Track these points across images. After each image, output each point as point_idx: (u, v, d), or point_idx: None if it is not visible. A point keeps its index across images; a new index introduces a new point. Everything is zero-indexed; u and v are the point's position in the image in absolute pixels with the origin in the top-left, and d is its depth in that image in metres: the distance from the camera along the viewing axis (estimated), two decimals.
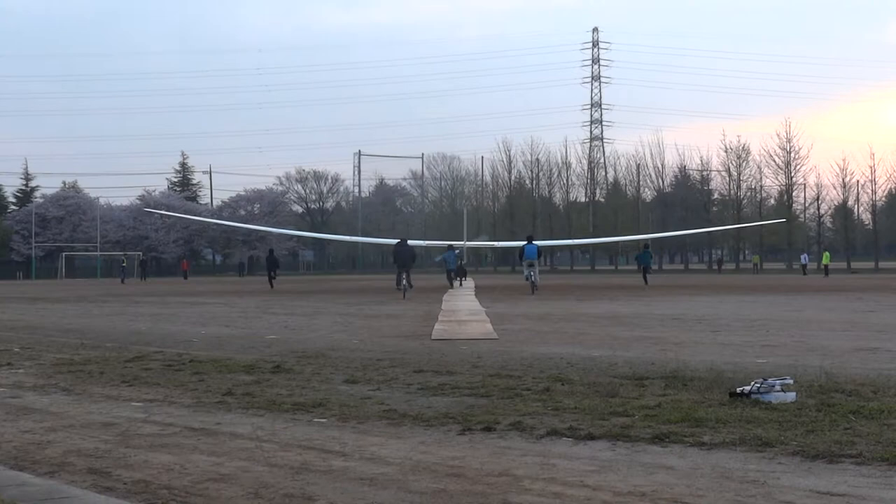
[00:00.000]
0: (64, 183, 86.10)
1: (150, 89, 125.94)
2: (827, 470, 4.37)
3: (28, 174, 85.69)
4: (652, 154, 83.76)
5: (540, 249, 29.48)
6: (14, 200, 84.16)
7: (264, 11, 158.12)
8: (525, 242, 29.00)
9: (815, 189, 75.57)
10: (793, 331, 12.34)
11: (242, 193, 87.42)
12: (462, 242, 38.39)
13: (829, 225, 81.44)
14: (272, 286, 35.02)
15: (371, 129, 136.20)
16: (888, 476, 4.24)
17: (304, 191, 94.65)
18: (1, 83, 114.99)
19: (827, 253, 55.32)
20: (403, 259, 26.99)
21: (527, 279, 27.92)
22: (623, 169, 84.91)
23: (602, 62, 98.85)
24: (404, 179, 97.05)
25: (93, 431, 5.69)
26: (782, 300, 21.42)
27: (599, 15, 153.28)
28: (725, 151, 76.03)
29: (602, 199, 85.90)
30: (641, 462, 4.59)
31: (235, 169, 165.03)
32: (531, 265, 27.97)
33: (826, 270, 50.81)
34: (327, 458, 4.78)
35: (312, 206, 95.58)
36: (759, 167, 75.39)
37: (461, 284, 32.10)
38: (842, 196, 75.22)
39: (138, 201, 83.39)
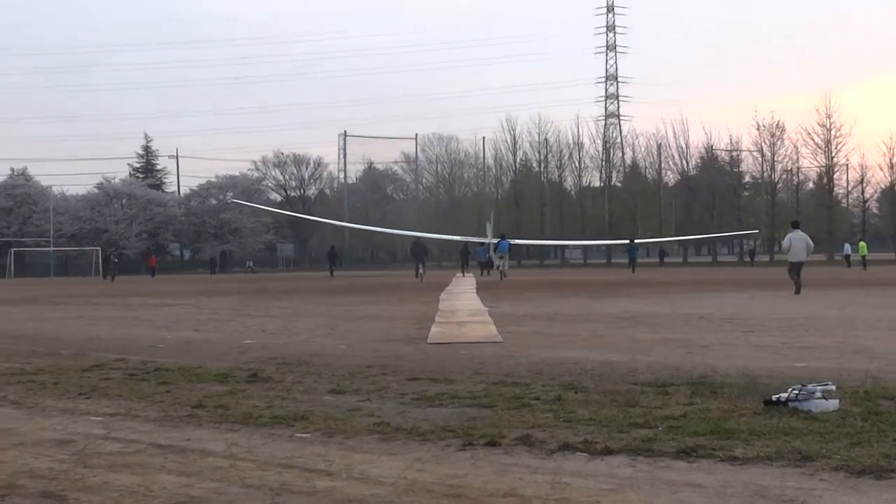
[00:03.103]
0: (12, 170, 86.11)
1: (108, 64, 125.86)
2: (874, 487, 4.37)
3: None
4: (675, 133, 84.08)
5: (510, 245, 43.81)
6: None
7: None
8: (499, 239, 43.62)
9: (858, 171, 75.83)
10: (835, 330, 12.35)
11: (213, 180, 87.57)
12: (488, 239, 48.55)
13: (874, 211, 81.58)
14: (332, 274, 49.62)
15: (358, 106, 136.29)
16: None
17: (283, 177, 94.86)
18: None
19: (863, 243, 55.02)
20: (419, 254, 42.57)
21: (497, 269, 41.94)
22: (642, 150, 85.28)
23: (618, 30, 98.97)
24: (396, 163, 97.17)
25: (46, 450, 5.68)
26: (822, 296, 21.43)
27: None
28: (758, 129, 76.30)
29: (619, 184, 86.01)
30: (665, 479, 4.59)
31: (205, 153, 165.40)
32: (502, 257, 41.65)
33: (864, 262, 50.83)
34: (311, 478, 4.78)
35: (292, 193, 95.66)
36: (795, 147, 75.67)
37: (489, 274, 44.49)
38: (889, 178, 75.31)
39: (96, 189, 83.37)
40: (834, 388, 6.45)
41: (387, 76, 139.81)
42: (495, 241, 50.11)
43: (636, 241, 59.34)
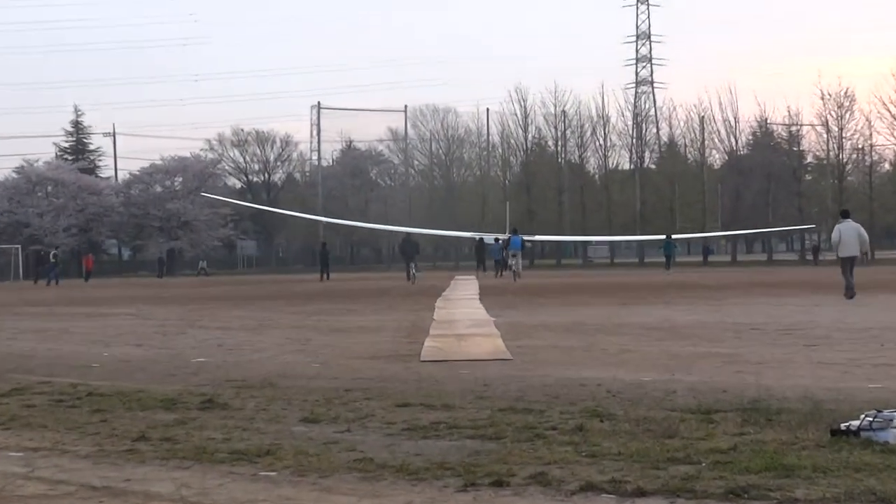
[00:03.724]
0: None
1: (30, 22, 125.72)
2: None
3: None
4: (721, 103, 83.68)
5: (524, 242, 46.42)
6: None
7: None
8: (510, 234, 46.45)
9: None
10: None
11: (159, 163, 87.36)
12: (505, 235, 50.86)
13: None
14: (327, 278, 50.12)
15: (335, 72, 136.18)
16: None
17: (244, 158, 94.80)
18: None
19: None
20: (410, 252, 44.23)
21: (509, 268, 44.42)
22: (681, 124, 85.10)
23: None
24: (381, 141, 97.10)
25: None
26: None
27: None
28: (822, 99, 76.15)
29: (653, 166, 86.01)
30: None
31: (149, 129, 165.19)
32: (514, 255, 43.92)
33: None
34: None
35: (255, 178, 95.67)
36: (867, 120, 75.56)
37: (502, 275, 46.97)
38: None
39: (15, 174, 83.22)
40: None
41: (370, 35, 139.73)
42: (506, 236, 51.13)
43: (674, 236, 59.55)
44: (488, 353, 12.24)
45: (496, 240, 52.56)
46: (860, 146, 77.26)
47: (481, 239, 56.31)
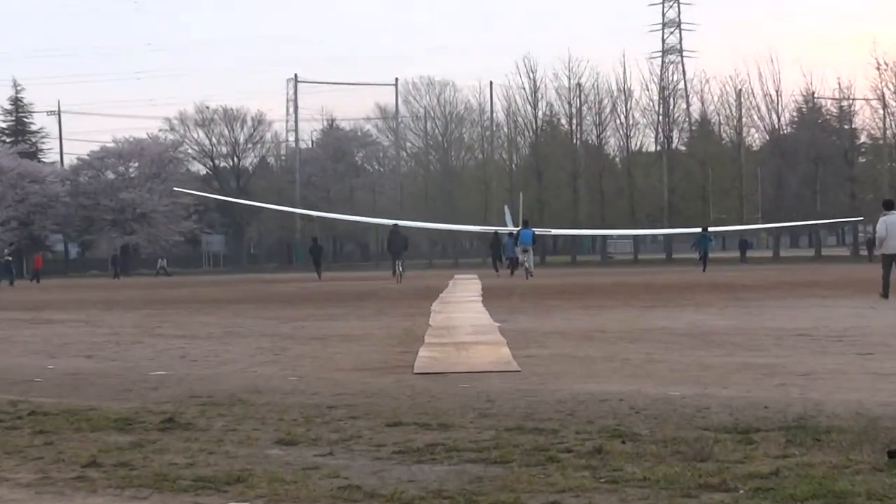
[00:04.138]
0: None
1: None
2: None
3: None
4: (761, 75, 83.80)
5: (535, 235, 47.14)
6: None
7: None
8: (520, 227, 48.00)
9: None
10: None
11: (111, 146, 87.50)
12: (517, 229, 52.48)
13: None
14: (319, 276, 51.82)
15: (315, 42, 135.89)
16: None
17: (210, 140, 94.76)
18: None
19: None
20: (397, 247, 44.97)
21: (521, 265, 46.20)
22: (715, 99, 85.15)
23: None
24: (368, 120, 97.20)
25: None
26: None
27: None
28: (877, 69, 76.22)
29: (682, 147, 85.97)
30: None
31: (99, 108, 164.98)
32: (525, 251, 45.42)
33: None
34: None
35: (222, 163, 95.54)
36: None
37: (513, 274, 48.33)
38: None
39: None
40: None
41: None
42: (516, 230, 51.84)
43: (709, 228, 59.44)
44: (492, 364, 12.22)
45: (510, 234, 53.31)
46: None
47: (496, 233, 56.33)
